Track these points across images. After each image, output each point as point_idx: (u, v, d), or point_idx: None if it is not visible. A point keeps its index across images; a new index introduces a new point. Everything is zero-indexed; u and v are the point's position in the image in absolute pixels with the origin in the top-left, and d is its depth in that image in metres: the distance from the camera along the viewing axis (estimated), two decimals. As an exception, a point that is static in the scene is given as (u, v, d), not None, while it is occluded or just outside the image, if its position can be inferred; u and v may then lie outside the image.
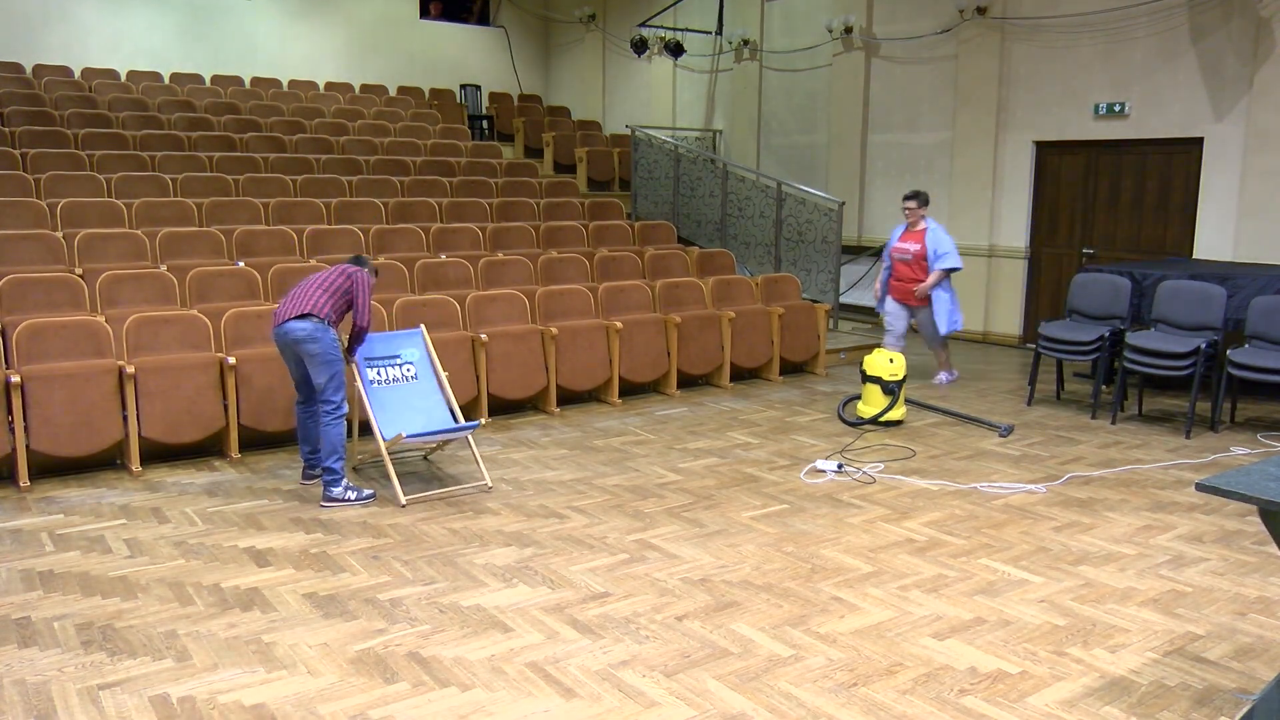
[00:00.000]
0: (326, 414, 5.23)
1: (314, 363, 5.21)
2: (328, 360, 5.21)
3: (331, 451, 5.24)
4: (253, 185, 9.33)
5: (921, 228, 8.05)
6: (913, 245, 8.04)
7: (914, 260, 8.05)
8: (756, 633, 3.82)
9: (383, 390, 5.63)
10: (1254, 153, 8.48)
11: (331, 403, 5.23)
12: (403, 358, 5.79)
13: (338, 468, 5.25)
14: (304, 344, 5.17)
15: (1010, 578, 4.39)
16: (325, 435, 5.24)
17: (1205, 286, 7.05)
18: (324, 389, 5.24)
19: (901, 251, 8.13)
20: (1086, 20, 9.52)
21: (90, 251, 7.41)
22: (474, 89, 15.66)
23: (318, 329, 5.17)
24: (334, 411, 5.23)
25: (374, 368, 5.66)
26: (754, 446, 6.50)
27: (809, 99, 12.53)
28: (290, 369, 5.45)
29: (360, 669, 3.51)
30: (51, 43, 12.58)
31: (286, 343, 5.25)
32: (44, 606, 3.98)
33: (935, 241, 7.95)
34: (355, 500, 5.28)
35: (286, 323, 5.20)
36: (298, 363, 5.35)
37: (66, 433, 5.53)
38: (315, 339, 5.16)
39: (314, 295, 5.25)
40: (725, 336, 8.23)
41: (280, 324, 5.23)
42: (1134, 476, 5.90)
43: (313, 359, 5.20)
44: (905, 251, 8.09)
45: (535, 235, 9.52)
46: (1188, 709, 3.29)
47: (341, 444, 5.25)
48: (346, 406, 5.30)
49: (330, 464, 5.25)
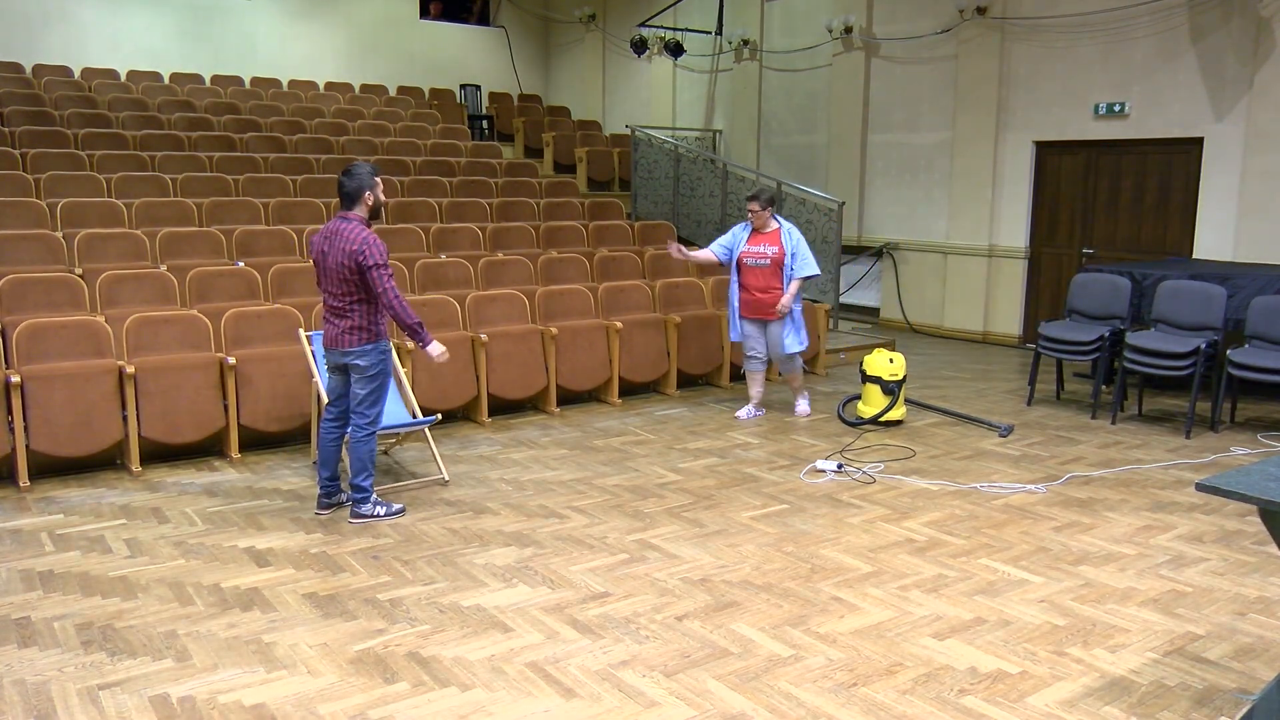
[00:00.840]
0: (359, 428, 4.96)
1: (361, 376, 4.93)
2: (373, 374, 4.94)
3: (361, 469, 4.99)
4: (253, 185, 9.33)
5: (774, 228, 7.01)
6: (770, 248, 6.95)
7: (772, 266, 6.94)
8: (756, 633, 3.82)
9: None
10: (1254, 153, 8.48)
11: (366, 417, 4.96)
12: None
13: (367, 485, 5.01)
14: (353, 359, 4.91)
15: (1010, 578, 4.39)
16: (354, 451, 4.98)
17: (1205, 286, 7.05)
18: (362, 401, 4.95)
19: (758, 257, 6.96)
20: (1086, 20, 9.52)
21: (90, 251, 7.40)
22: (474, 89, 15.66)
23: (367, 346, 4.90)
24: (367, 428, 4.97)
25: None
26: (754, 446, 6.49)
27: (809, 99, 12.53)
28: (330, 378, 5.13)
29: (360, 669, 3.51)
30: (51, 43, 12.58)
31: (337, 362, 5.00)
32: (44, 606, 3.98)
33: (793, 244, 6.95)
34: (385, 516, 5.05)
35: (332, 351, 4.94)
36: (343, 374, 5.05)
37: (66, 433, 5.53)
38: (365, 352, 4.90)
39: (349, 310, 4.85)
40: (725, 336, 8.23)
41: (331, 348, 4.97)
42: (1134, 476, 5.90)
43: (361, 373, 4.92)
44: (762, 256, 6.95)
45: (535, 235, 9.52)
46: (1188, 709, 3.29)
47: (371, 460, 5.01)
48: (381, 421, 5.09)
49: (359, 481, 5.00)
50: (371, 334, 4.93)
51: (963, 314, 10.84)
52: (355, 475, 5.02)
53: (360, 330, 4.89)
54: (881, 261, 11.69)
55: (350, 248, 4.78)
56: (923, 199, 11.20)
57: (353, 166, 4.97)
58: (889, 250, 11.53)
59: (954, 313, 10.92)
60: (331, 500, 5.17)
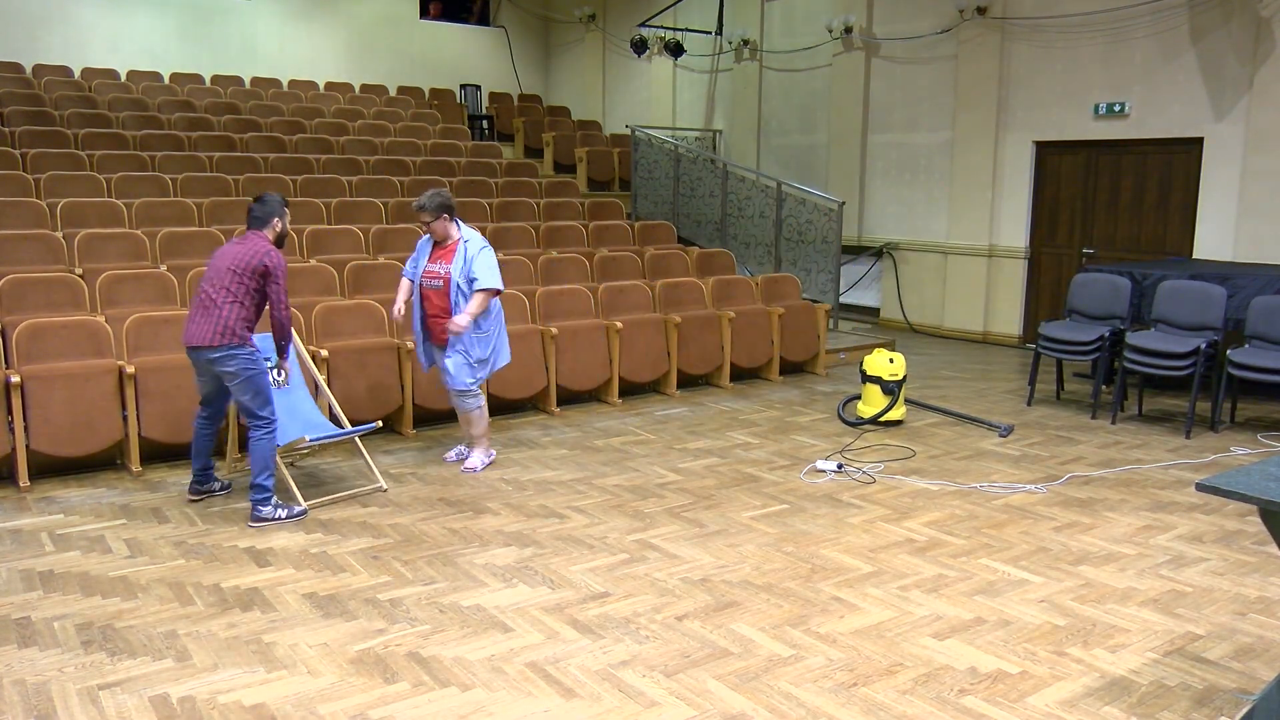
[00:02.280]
0: (256, 429, 4.90)
1: (233, 382, 4.87)
2: (248, 377, 4.86)
3: (262, 468, 4.91)
4: (253, 185, 9.32)
5: (454, 241, 5.80)
6: (444, 266, 5.74)
7: (445, 286, 5.75)
8: (756, 633, 3.82)
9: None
10: (1254, 153, 8.48)
11: (260, 418, 4.90)
12: (273, 360, 5.36)
13: (269, 485, 4.94)
14: (214, 365, 4.85)
15: (1010, 578, 4.39)
16: (254, 450, 4.90)
17: (1205, 286, 7.05)
18: (247, 408, 4.89)
19: (432, 277, 5.76)
20: (1086, 20, 9.52)
21: (90, 251, 7.40)
22: (474, 89, 15.66)
23: (231, 348, 4.82)
24: (264, 427, 4.91)
25: None
26: (754, 446, 6.49)
27: (809, 99, 12.53)
28: (198, 382, 5.12)
29: (360, 669, 3.51)
30: (51, 43, 12.58)
31: (199, 363, 4.95)
32: (44, 606, 3.98)
33: (468, 257, 5.71)
34: (286, 518, 4.98)
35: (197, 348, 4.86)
36: (212, 378, 5.02)
37: (66, 433, 5.52)
38: (229, 358, 4.82)
39: (223, 303, 4.82)
40: (725, 336, 8.23)
41: (190, 347, 4.90)
42: (1134, 476, 5.90)
43: (232, 378, 4.86)
44: (436, 277, 5.75)
45: (535, 235, 9.52)
46: (1188, 709, 3.29)
47: (272, 459, 4.96)
48: (277, 416, 5.01)
49: (260, 480, 4.92)
50: (238, 336, 4.85)
51: (963, 314, 10.84)
52: (256, 475, 4.94)
53: (228, 331, 4.82)
54: (881, 261, 11.69)
55: (259, 250, 4.89)
56: (923, 199, 11.20)
57: (265, 195, 5.12)
58: (889, 250, 11.54)
59: (954, 313, 10.92)
60: (203, 488, 5.31)
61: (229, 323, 4.83)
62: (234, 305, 4.85)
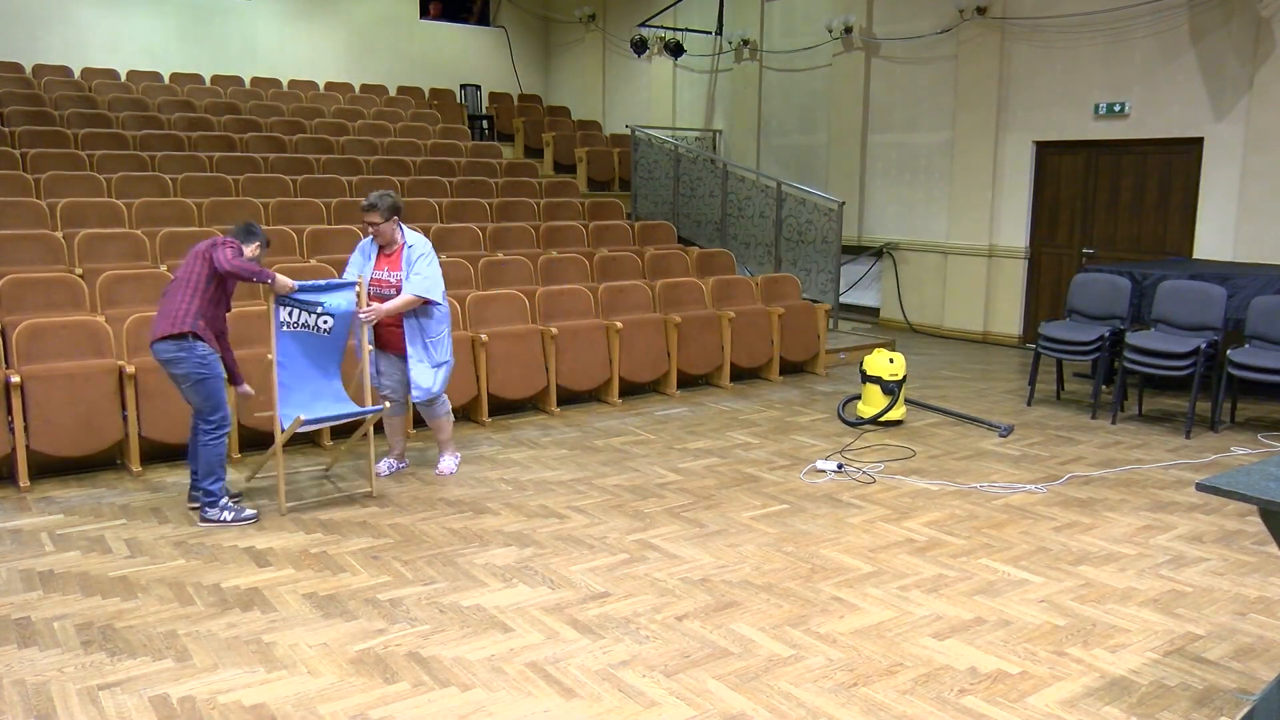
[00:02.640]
0: (205, 433, 4.88)
1: (181, 385, 4.86)
2: (196, 380, 4.82)
3: (209, 473, 4.91)
4: (253, 185, 9.33)
5: (400, 246, 5.55)
6: (393, 274, 5.51)
7: (397, 295, 5.49)
8: (756, 633, 3.82)
9: (287, 339, 5.10)
10: (1254, 153, 8.48)
11: (210, 423, 4.88)
12: (325, 306, 5.15)
13: (215, 489, 4.94)
14: (167, 366, 4.82)
15: (1010, 578, 4.39)
16: (203, 454, 4.89)
17: (1205, 286, 7.05)
18: (199, 410, 4.89)
19: (381, 285, 5.51)
20: (1086, 20, 9.52)
21: (90, 251, 7.40)
22: (474, 89, 15.66)
23: (180, 347, 4.77)
24: (213, 431, 4.90)
25: (288, 308, 5.08)
26: (754, 446, 6.49)
27: (809, 99, 12.53)
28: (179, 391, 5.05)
29: (360, 669, 3.51)
30: (51, 43, 12.58)
31: (161, 365, 4.89)
32: (44, 606, 3.98)
33: (412, 260, 5.49)
34: (233, 521, 4.94)
35: (153, 343, 4.81)
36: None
37: (66, 433, 5.53)
38: (179, 359, 4.78)
39: (178, 300, 4.80)
40: (725, 336, 8.23)
41: (151, 343, 4.85)
42: (1134, 476, 5.90)
43: (179, 381, 4.85)
44: (386, 285, 5.51)
45: (535, 235, 9.52)
46: (1188, 709, 3.29)
47: (220, 464, 4.94)
48: (229, 422, 4.97)
49: (207, 485, 4.92)
50: (189, 329, 4.77)
51: (963, 314, 10.84)
52: (203, 479, 4.93)
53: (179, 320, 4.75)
54: (881, 261, 11.69)
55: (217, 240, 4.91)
56: (923, 199, 11.20)
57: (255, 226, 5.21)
58: (889, 250, 11.54)
59: (954, 313, 10.92)
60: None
61: (179, 312, 4.78)
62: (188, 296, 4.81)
